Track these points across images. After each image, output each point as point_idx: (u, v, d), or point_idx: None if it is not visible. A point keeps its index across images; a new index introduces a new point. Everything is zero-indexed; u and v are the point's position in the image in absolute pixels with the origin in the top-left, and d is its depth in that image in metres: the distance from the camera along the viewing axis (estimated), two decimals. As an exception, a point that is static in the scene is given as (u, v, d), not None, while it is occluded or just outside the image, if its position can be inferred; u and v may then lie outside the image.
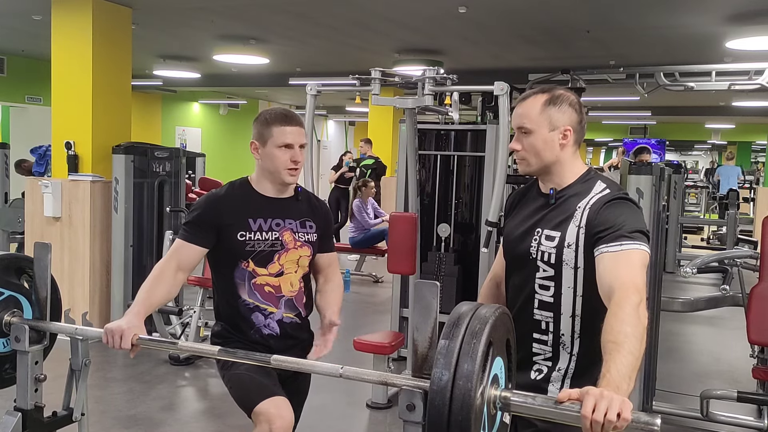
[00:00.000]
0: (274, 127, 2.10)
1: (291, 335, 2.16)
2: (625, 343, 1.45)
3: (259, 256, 2.09)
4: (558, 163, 1.78)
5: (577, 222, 1.72)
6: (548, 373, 1.79)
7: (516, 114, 1.79)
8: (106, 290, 5.22)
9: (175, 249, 2.11)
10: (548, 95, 1.76)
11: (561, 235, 1.74)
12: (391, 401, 4.04)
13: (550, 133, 1.75)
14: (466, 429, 1.31)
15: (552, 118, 1.75)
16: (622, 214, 1.66)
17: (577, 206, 1.74)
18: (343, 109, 15.61)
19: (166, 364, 4.65)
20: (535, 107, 1.75)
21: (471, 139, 4.79)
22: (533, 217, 1.83)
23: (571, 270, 1.73)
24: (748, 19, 5.42)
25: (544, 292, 1.78)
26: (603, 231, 1.64)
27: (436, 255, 4.76)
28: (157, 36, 7.36)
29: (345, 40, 7.22)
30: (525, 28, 6.31)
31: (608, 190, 1.75)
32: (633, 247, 1.60)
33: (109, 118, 5.31)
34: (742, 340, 3.79)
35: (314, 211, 2.25)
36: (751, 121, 15.24)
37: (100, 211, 5.16)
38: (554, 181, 1.80)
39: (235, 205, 2.12)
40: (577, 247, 1.71)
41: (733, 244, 9.10)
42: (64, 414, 2.08)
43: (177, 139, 13.56)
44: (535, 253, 1.77)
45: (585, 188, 1.77)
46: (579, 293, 1.73)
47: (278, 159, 2.09)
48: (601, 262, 1.62)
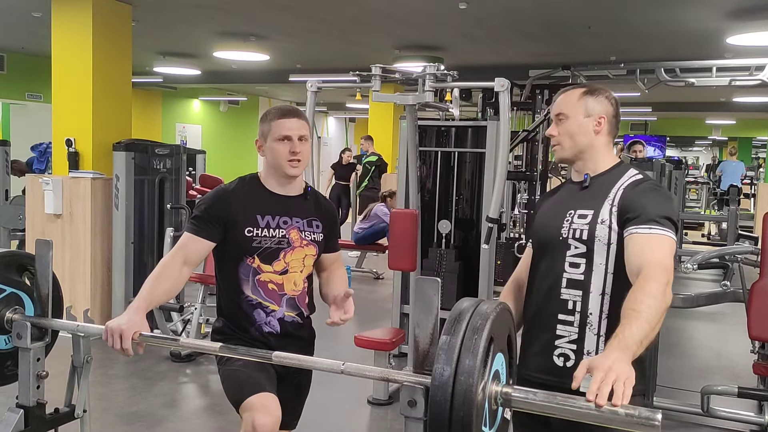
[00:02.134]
0: (273, 121, 2.12)
1: (292, 334, 2.16)
2: (644, 312, 1.51)
3: (266, 252, 2.09)
4: (592, 149, 1.86)
5: (611, 201, 1.78)
6: (577, 360, 1.77)
7: (555, 104, 1.90)
8: (107, 287, 5.23)
9: (183, 243, 2.10)
10: (587, 88, 1.89)
11: (594, 213, 1.78)
12: (392, 398, 4.04)
13: (585, 119, 1.84)
14: (468, 425, 1.32)
15: (588, 106, 1.85)
16: (655, 198, 1.74)
17: (612, 187, 1.80)
18: (344, 105, 15.61)
19: (168, 361, 4.65)
20: (573, 96, 1.87)
21: (471, 135, 4.79)
22: (565, 202, 1.88)
23: (603, 246, 1.76)
24: (749, 15, 5.41)
25: (574, 270, 1.80)
26: (635, 212, 1.71)
27: (437, 251, 4.75)
28: (157, 33, 7.35)
29: (345, 36, 7.21)
30: (525, 24, 6.31)
31: (641, 176, 1.83)
32: (663, 232, 1.67)
33: (109, 115, 5.31)
34: (742, 335, 3.79)
35: (321, 211, 2.24)
36: (752, 116, 15.22)
37: (101, 208, 5.17)
38: (589, 167, 1.87)
39: (244, 200, 2.12)
40: (610, 224, 1.76)
41: (734, 240, 9.09)
42: (66, 411, 2.08)
43: (177, 136, 13.56)
44: (566, 233, 1.81)
45: (618, 173, 1.85)
46: (610, 270, 1.76)
47: (278, 152, 2.09)
48: (630, 241, 1.69)
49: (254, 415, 1.93)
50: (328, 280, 2.29)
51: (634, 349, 1.45)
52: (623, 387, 1.32)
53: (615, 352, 1.41)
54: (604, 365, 1.35)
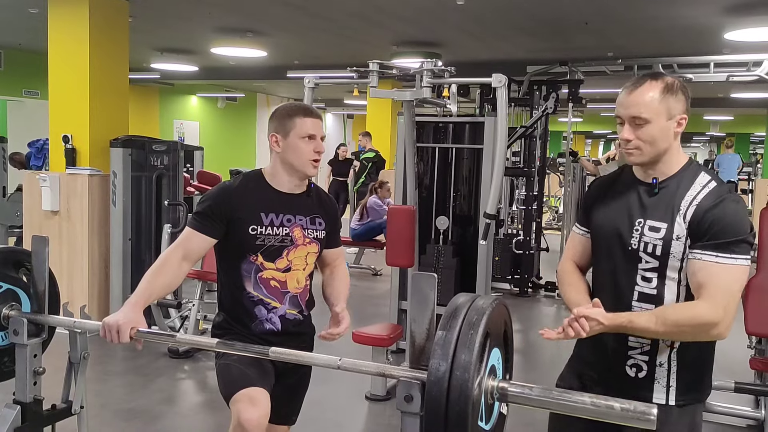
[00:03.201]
0: (297, 118, 2.09)
1: (292, 331, 2.15)
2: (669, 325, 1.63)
3: (269, 250, 2.08)
4: (669, 151, 1.73)
5: (683, 215, 1.69)
6: (650, 370, 1.76)
7: (629, 102, 1.70)
8: (105, 284, 5.22)
9: (184, 238, 2.09)
10: (663, 83, 1.70)
11: (668, 227, 1.70)
12: (389, 393, 4.04)
13: (667, 122, 1.70)
14: (464, 419, 1.32)
15: (670, 107, 1.70)
16: (729, 217, 1.64)
17: (683, 199, 1.70)
18: (342, 102, 15.60)
19: (165, 357, 4.65)
20: (653, 95, 1.69)
21: (469, 131, 4.79)
22: (632, 207, 1.77)
23: (677, 261, 1.70)
24: (747, 10, 5.41)
25: (646, 284, 1.74)
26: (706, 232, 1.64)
27: (435, 247, 4.76)
28: (154, 29, 7.34)
29: (343, 32, 7.20)
30: (523, 19, 6.30)
31: (714, 183, 1.71)
32: (731, 261, 1.62)
33: (106, 112, 5.30)
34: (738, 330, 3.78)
35: (324, 208, 2.24)
36: (750, 112, 15.25)
37: (98, 204, 5.16)
38: (660, 171, 1.75)
39: (248, 198, 2.10)
40: (685, 241, 1.68)
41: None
42: (63, 407, 2.09)
43: (175, 133, 13.54)
44: (636, 244, 1.73)
45: (689, 178, 1.73)
46: (684, 283, 1.71)
47: (302, 150, 2.08)
48: (695, 266, 1.65)
49: (241, 408, 1.94)
50: (330, 280, 2.28)
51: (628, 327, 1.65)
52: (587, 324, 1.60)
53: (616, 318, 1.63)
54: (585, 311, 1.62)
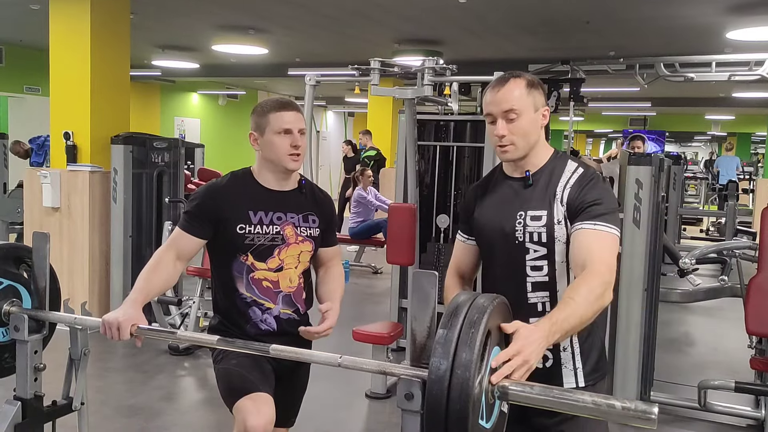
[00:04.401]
0: (271, 114, 2.04)
1: (288, 331, 2.09)
2: (581, 305, 1.58)
3: (259, 250, 2.03)
4: (538, 144, 1.82)
5: (560, 199, 1.77)
6: (556, 357, 1.80)
7: (498, 99, 1.76)
8: (105, 280, 5.22)
9: (174, 238, 2.07)
10: (525, 79, 1.78)
11: (548, 213, 1.77)
12: (390, 391, 4.05)
13: (535, 114, 1.78)
14: (464, 418, 1.32)
15: (536, 100, 1.78)
16: (598, 195, 1.74)
17: (557, 185, 1.78)
18: (343, 99, 15.58)
19: (166, 354, 4.66)
20: (520, 90, 1.75)
21: (470, 129, 4.78)
22: (511, 202, 1.83)
23: (563, 245, 1.76)
24: (749, 10, 5.41)
25: (537, 273, 1.79)
26: (581, 209, 1.73)
27: (435, 246, 4.76)
28: (155, 26, 7.33)
29: (344, 30, 7.20)
30: (525, 18, 6.29)
31: (581, 169, 1.81)
32: (607, 229, 1.71)
33: (107, 109, 5.29)
34: (739, 330, 3.79)
35: (318, 205, 2.17)
36: (751, 112, 15.23)
37: (99, 201, 5.16)
38: (531, 163, 1.82)
39: (235, 196, 2.05)
40: (566, 224, 1.76)
41: (732, 235, 9.10)
42: (64, 403, 2.09)
43: (176, 130, 13.54)
44: (521, 237, 1.78)
45: (558, 167, 1.82)
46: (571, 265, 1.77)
47: (278, 146, 2.03)
48: (577, 237, 1.72)
49: (246, 417, 1.91)
50: (324, 279, 2.24)
51: (558, 336, 1.53)
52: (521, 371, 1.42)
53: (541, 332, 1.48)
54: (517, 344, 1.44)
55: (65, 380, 2.11)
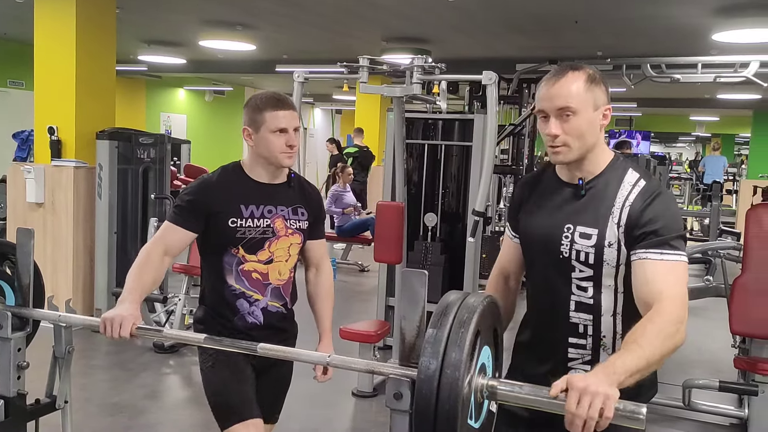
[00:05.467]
0: (267, 112, 2.04)
1: (274, 325, 2.13)
2: (646, 348, 1.40)
3: (250, 243, 2.06)
4: (596, 147, 1.63)
5: (617, 219, 1.59)
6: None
7: (552, 94, 1.59)
8: (90, 277, 5.17)
9: (164, 232, 2.07)
10: (585, 73, 1.60)
11: (599, 233, 1.60)
12: (376, 390, 4.04)
13: (594, 113, 1.60)
14: (453, 417, 1.31)
15: (596, 97, 1.60)
16: (665, 214, 1.57)
17: (614, 201, 1.60)
18: (330, 97, 15.54)
19: (150, 352, 4.62)
20: (578, 85, 1.58)
21: (458, 128, 4.78)
22: (560, 211, 1.67)
23: (612, 269, 1.61)
24: (735, 12, 5.45)
25: (582, 293, 1.65)
26: (644, 233, 1.55)
27: (423, 244, 4.76)
28: (141, 20, 7.26)
29: (333, 27, 7.17)
30: (513, 17, 6.30)
31: (643, 181, 1.62)
32: (676, 258, 1.53)
33: (93, 103, 5.24)
34: (723, 330, 3.83)
35: (306, 198, 2.20)
36: (735, 113, 15.38)
37: (84, 197, 5.11)
38: (586, 169, 1.65)
39: (227, 190, 2.08)
40: (619, 246, 1.59)
41: (716, 236, 9.19)
42: (48, 401, 2.06)
43: (162, 126, 13.44)
44: (567, 252, 1.64)
45: (616, 177, 1.63)
46: (621, 290, 1.64)
47: (273, 144, 2.04)
48: (641, 267, 1.54)
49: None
50: (316, 290, 2.25)
51: (622, 378, 1.33)
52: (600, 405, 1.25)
53: (599, 374, 1.31)
54: (580, 384, 1.27)
55: (49, 378, 2.08)
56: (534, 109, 5.60)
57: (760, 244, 3.64)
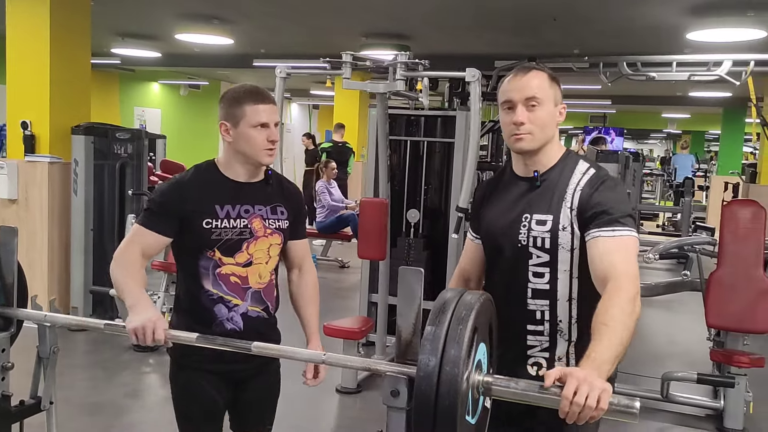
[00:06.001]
0: (247, 105, 1.94)
1: (256, 330, 1.98)
2: (616, 328, 1.47)
3: (226, 245, 1.96)
4: (552, 142, 1.75)
5: (569, 204, 1.70)
6: (550, 366, 1.76)
7: (521, 85, 1.71)
8: (65, 275, 5.09)
9: (137, 236, 1.95)
10: (547, 72, 1.75)
11: (554, 218, 1.70)
12: (360, 386, 4.05)
13: (554, 108, 1.73)
14: (453, 414, 1.32)
15: (556, 94, 1.73)
16: (614, 197, 1.67)
17: (566, 188, 1.71)
18: (308, 92, 15.46)
19: (130, 351, 4.56)
20: (543, 80, 1.71)
21: (441, 125, 4.80)
22: (517, 204, 1.77)
23: (567, 253, 1.71)
24: (708, 12, 5.54)
25: (538, 280, 1.74)
26: (595, 213, 1.65)
27: (406, 240, 4.77)
28: (115, 13, 7.13)
29: (311, 22, 7.13)
30: (492, 14, 6.33)
31: (593, 170, 1.74)
32: (626, 233, 1.62)
33: (67, 97, 5.14)
34: (695, 323, 3.92)
35: (286, 196, 2.10)
36: (706, 111, 15.66)
37: (59, 193, 5.02)
38: (541, 162, 1.76)
39: (200, 190, 1.97)
40: (572, 229, 1.69)
41: (688, 231, 9.37)
42: (32, 403, 2.02)
43: (136, 120, 13.24)
44: (525, 240, 1.72)
45: (568, 168, 1.75)
46: (575, 275, 1.72)
47: (254, 140, 1.94)
48: (594, 246, 1.63)
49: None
50: (300, 291, 2.16)
51: (607, 368, 1.40)
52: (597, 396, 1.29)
53: (588, 370, 1.36)
54: (579, 373, 1.32)
55: (33, 379, 2.05)
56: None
57: (735, 239, 3.72)
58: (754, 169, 8.44)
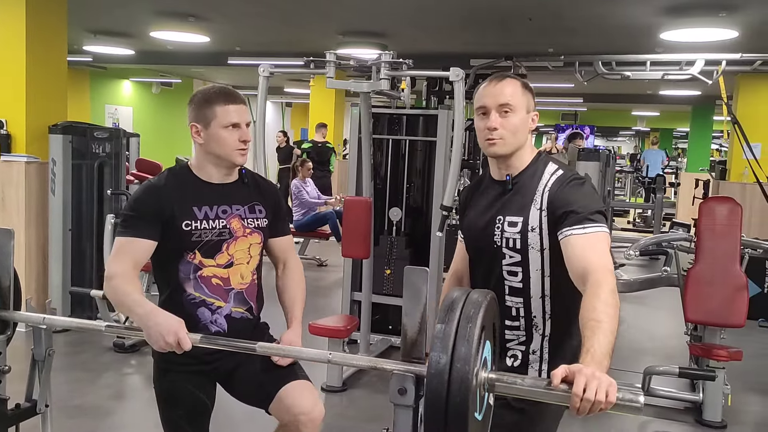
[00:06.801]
0: (217, 106, 1.93)
1: (241, 332, 1.97)
2: (605, 321, 1.53)
3: (206, 246, 1.95)
4: (523, 147, 1.83)
5: (538, 205, 1.77)
6: (524, 358, 1.84)
7: (495, 92, 1.78)
8: (43, 276, 5.00)
9: (123, 248, 1.90)
10: (520, 81, 1.82)
11: (524, 220, 1.77)
12: (345, 384, 4.06)
13: (526, 115, 1.80)
14: (464, 411, 1.35)
15: (528, 102, 1.81)
16: (582, 195, 1.73)
17: (536, 189, 1.78)
18: (282, 90, 15.36)
19: (111, 352, 4.51)
20: (516, 88, 1.79)
21: (423, 123, 4.83)
22: (492, 206, 1.85)
23: (537, 252, 1.78)
24: (681, 12, 5.66)
25: (513, 278, 1.82)
26: (565, 213, 1.70)
27: (388, 239, 4.79)
28: (88, 10, 7.02)
29: (288, 19, 7.10)
30: (468, 13, 6.38)
31: (561, 171, 1.81)
32: (597, 229, 1.67)
33: (44, 97, 5.05)
34: (671, 318, 4.01)
35: (262, 194, 2.10)
36: (675, 109, 15.97)
37: (36, 193, 4.93)
38: (513, 166, 1.83)
39: (176, 193, 1.96)
40: (541, 230, 1.76)
41: (660, 227, 9.56)
42: (28, 406, 2.00)
43: (108, 119, 13.03)
44: (499, 241, 1.81)
45: (538, 170, 1.82)
46: (546, 274, 1.79)
47: (226, 140, 1.93)
48: (568, 244, 1.68)
49: None
50: (285, 283, 2.16)
51: (606, 362, 1.47)
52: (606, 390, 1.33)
53: (591, 365, 1.41)
54: (586, 370, 1.36)
55: (28, 382, 2.03)
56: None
57: (713, 236, 3.82)
58: (724, 166, 8.65)
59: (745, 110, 8.29)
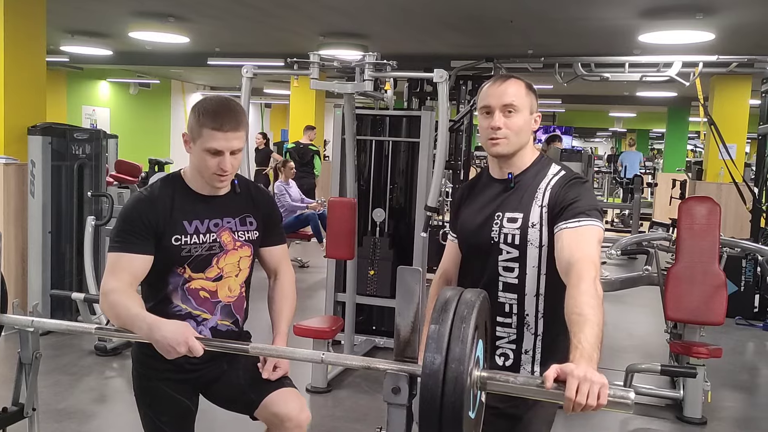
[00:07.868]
0: (205, 128, 1.84)
1: None
2: (590, 314, 1.54)
3: (196, 261, 1.91)
4: (526, 147, 1.85)
5: (540, 202, 1.79)
6: (516, 358, 1.84)
7: (500, 92, 1.80)
8: (22, 279, 4.93)
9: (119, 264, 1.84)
10: (525, 82, 1.84)
11: (524, 216, 1.79)
12: (330, 385, 4.06)
13: (530, 116, 1.83)
14: (459, 410, 1.36)
15: (532, 103, 1.83)
16: (580, 193, 1.76)
17: (538, 187, 1.80)
18: (261, 91, 15.31)
19: (92, 355, 4.46)
20: (521, 89, 1.81)
21: (405, 124, 4.84)
22: (491, 203, 1.86)
23: (535, 249, 1.79)
24: (659, 14, 5.76)
25: (508, 274, 1.82)
26: (563, 208, 1.73)
27: (371, 239, 4.80)
28: (66, 9, 6.93)
29: (268, 20, 7.08)
30: (449, 15, 6.42)
31: (564, 172, 1.84)
32: (589, 223, 1.71)
33: (22, 97, 4.99)
34: (650, 316, 4.06)
35: (255, 204, 2.04)
36: (651, 110, 16.20)
37: (15, 195, 4.86)
38: (515, 165, 1.85)
39: (167, 206, 1.90)
40: (541, 227, 1.78)
41: (638, 227, 9.69)
42: (15, 410, 1.97)
43: (85, 120, 12.87)
44: (497, 237, 1.81)
45: (541, 170, 1.84)
46: (543, 271, 1.80)
47: (206, 163, 1.86)
48: (560, 238, 1.71)
49: None
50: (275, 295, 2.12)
51: (596, 355, 1.46)
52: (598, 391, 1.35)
53: (582, 363, 1.41)
54: (577, 372, 1.36)
55: (15, 386, 2.00)
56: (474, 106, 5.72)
57: (692, 235, 3.88)
58: (700, 166, 8.79)
59: (721, 111, 8.44)
